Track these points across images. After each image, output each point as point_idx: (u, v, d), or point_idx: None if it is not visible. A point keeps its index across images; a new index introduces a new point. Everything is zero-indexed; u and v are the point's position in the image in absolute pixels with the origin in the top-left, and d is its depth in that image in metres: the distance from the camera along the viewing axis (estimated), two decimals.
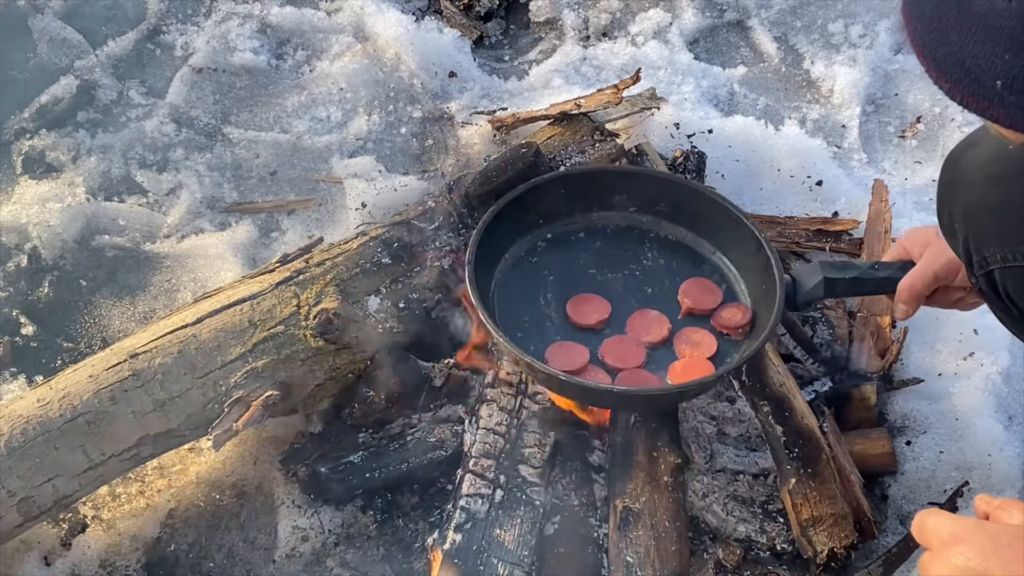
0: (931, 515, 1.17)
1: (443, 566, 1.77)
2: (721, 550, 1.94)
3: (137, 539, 2.00)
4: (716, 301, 2.04)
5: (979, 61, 1.08)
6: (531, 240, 2.12)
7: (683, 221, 2.13)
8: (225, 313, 1.97)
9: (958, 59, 1.10)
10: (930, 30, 1.12)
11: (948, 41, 1.10)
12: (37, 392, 1.91)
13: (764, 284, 1.97)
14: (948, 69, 1.11)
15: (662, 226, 2.15)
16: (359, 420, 2.05)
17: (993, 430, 2.09)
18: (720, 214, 2.07)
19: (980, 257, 1.54)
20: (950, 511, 1.45)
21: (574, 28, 2.91)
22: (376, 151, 2.60)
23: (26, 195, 2.51)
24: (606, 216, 2.16)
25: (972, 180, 1.53)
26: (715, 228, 2.09)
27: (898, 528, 2.01)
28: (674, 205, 2.12)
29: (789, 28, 2.94)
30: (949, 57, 1.11)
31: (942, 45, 1.11)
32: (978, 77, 1.09)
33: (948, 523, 1.15)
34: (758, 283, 2.01)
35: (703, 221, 2.10)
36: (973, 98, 1.12)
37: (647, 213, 2.15)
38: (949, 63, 1.11)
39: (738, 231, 2.04)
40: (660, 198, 2.13)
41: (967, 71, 1.09)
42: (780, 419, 1.97)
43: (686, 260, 2.12)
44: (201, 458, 2.11)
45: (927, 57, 1.14)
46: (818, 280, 1.85)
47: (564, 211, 2.13)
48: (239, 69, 2.76)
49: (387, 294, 2.08)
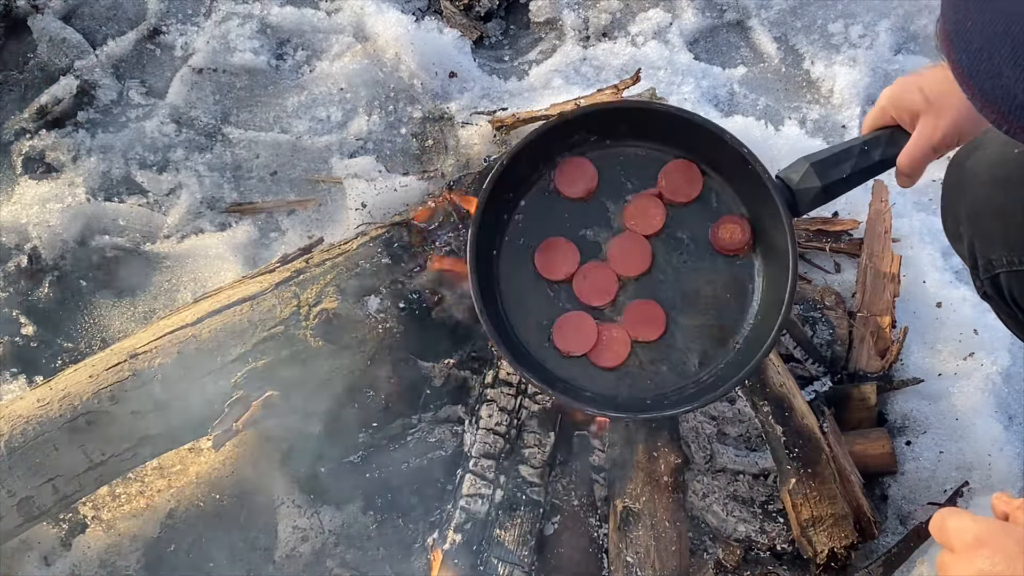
0: (952, 515, 1.16)
1: (443, 566, 1.77)
2: (721, 550, 1.94)
3: (137, 539, 2.00)
4: (694, 192, 1.92)
5: None
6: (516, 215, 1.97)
7: (673, 143, 1.97)
8: (225, 313, 1.97)
9: (1010, 93, 1.09)
10: (979, 62, 1.11)
11: (1000, 75, 1.09)
12: (37, 392, 1.91)
13: (761, 202, 1.84)
14: (998, 101, 1.11)
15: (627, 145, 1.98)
16: (359, 420, 2.05)
17: (993, 430, 2.09)
18: (704, 134, 1.91)
19: (986, 261, 1.53)
20: (963, 510, 1.44)
21: (574, 28, 2.91)
22: (376, 151, 2.60)
23: (26, 195, 2.51)
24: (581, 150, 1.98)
25: (978, 184, 1.52)
26: (703, 149, 1.94)
27: (898, 528, 2.01)
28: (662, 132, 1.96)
29: (789, 28, 2.94)
30: (999, 90, 1.10)
31: (992, 78, 1.10)
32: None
33: (972, 524, 1.13)
34: (751, 196, 1.88)
35: (690, 144, 1.95)
36: (1022, 128, 1.11)
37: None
38: (999, 95, 1.10)
39: (723, 148, 1.89)
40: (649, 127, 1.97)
41: (1020, 104, 1.09)
42: (780, 419, 1.97)
43: None
44: (201, 458, 2.11)
45: (973, 87, 1.13)
46: (817, 189, 1.75)
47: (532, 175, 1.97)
48: (239, 69, 2.76)
49: (387, 294, 2.08)
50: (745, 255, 1.90)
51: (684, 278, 1.90)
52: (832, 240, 2.40)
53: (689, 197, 1.94)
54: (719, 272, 1.90)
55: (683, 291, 1.89)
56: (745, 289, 1.89)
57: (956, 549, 1.14)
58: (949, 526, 1.15)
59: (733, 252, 1.90)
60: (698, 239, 1.92)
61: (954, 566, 1.13)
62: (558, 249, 1.92)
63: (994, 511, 1.19)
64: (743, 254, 1.90)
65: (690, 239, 1.92)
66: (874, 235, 2.37)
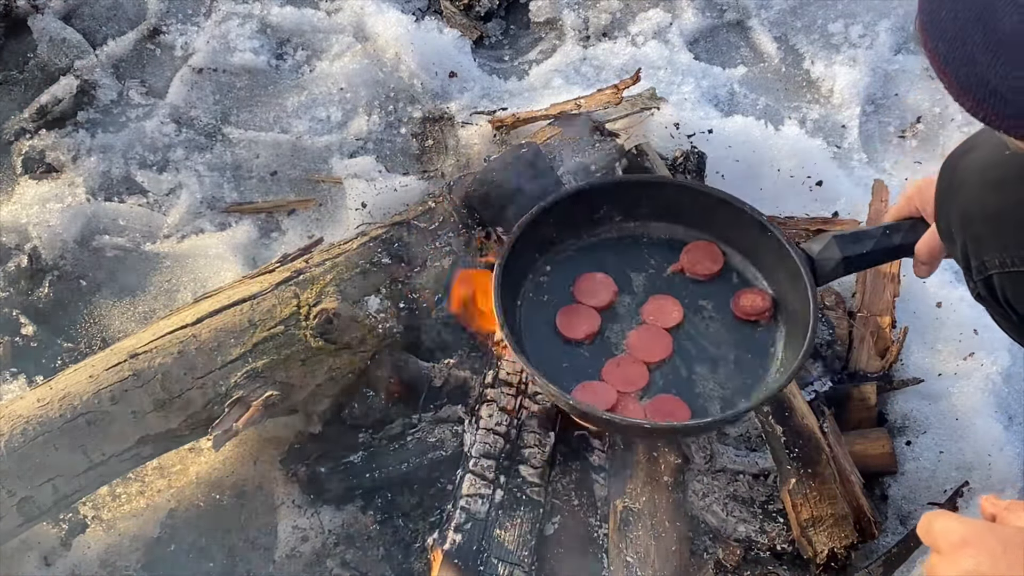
0: (939, 517, 1.16)
1: (443, 566, 1.77)
2: (721, 550, 1.94)
3: (137, 539, 2.00)
4: (715, 267, 2.04)
5: (1007, 82, 1.09)
6: (538, 268, 2.07)
7: (673, 219, 2.10)
8: (225, 313, 1.97)
9: (983, 79, 1.10)
10: (953, 49, 1.12)
11: (974, 62, 1.10)
12: (37, 392, 1.91)
13: (782, 268, 1.95)
14: (972, 88, 1.12)
15: (649, 227, 2.12)
16: (359, 420, 2.05)
17: (993, 430, 2.09)
18: (721, 208, 2.04)
19: (979, 262, 1.54)
20: (951, 511, 1.45)
21: (574, 28, 2.91)
22: (376, 151, 2.60)
23: (26, 195, 2.51)
24: (605, 230, 2.12)
25: (970, 185, 1.52)
26: (722, 226, 2.06)
27: (898, 528, 2.01)
28: (659, 205, 2.09)
29: (789, 28, 2.94)
30: (973, 77, 1.11)
31: (966, 65, 1.11)
32: (1004, 96, 1.10)
33: (957, 525, 1.14)
34: (770, 264, 2.00)
35: (710, 221, 2.07)
36: (998, 117, 1.13)
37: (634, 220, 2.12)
38: (973, 83, 1.11)
39: (736, 217, 2.03)
40: (651, 202, 2.10)
41: (992, 91, 1.10)
42: (780, 419, 1.97)
43: None
44: (201, 458, 2.11)
45: (949, 75, 1.14)
46: (838, 260, 1.84)
47: (556, 237, 2.08)
48: (239, 69, 2.76)
49: (387, 294, 2.08)
50: (767, 321, 1.99)
51: (709, 345, 1.99)
52: None
53: (711, 271, 2.05)
54: (742, 336, 1.99)
55: (708, 357, 1.97)
56: (767, 352, 1.96)
57: (942, 550, 1.14)
58: (935, 528, 1.16)
59: (755, 318, 1.99)
60: (721, 309, 2.02)
61: (940, 567, 1.14)
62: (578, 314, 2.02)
63: (983, 513, 1.20)
64: (765, 320, 1.99)
65: (713, 308, 2.02)
66: None
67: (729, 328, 2.00)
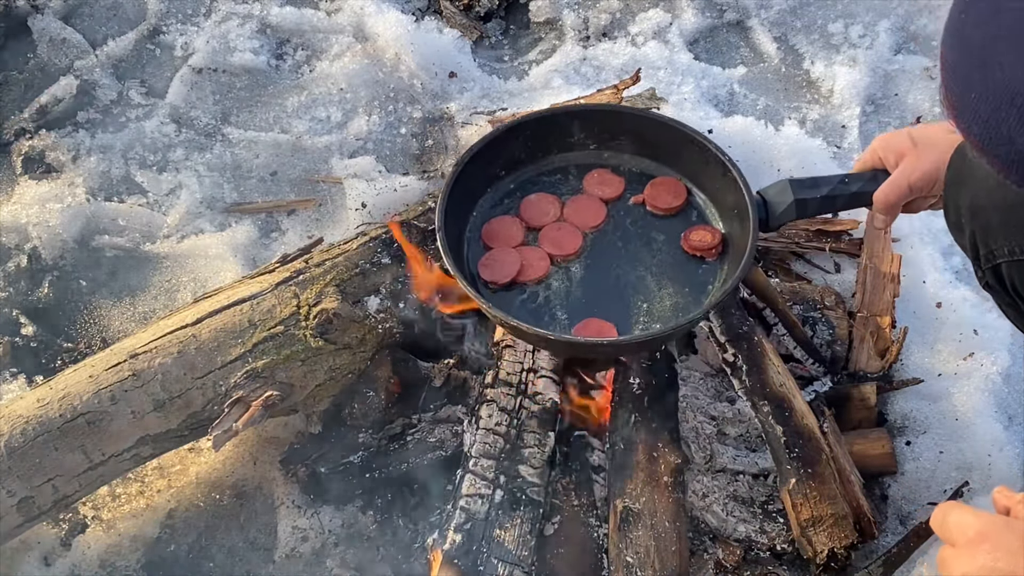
0: (954, 509, 1.15)
1: (443, 566, 1.77)
2: (721, 550, 1.94)
3: (137, 539, 2.00)
4: (675, 203, 2.06)
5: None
6: (495, 194, 2.11)
7: (647, 152, 2.13)
8: (225, 313, 1.97)
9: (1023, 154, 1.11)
10: (989, 131, 1.12)
11: (1013, 141, 1.10)
12: (37, 392, 1.91)
13: (735, 207, 1.96)
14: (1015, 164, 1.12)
15: (624, 159, 2.15)
16: (359, 420, 2.05)
17: (993, 430, 2.09)
18: (683, 141, 2.06)
19: (987, 251, 1.54)
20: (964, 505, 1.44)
21: (574, 28, 2.91)
22: (376, 151, 2.60)
23: (26, 195, 2.51)
24: (566, 157, 2.15)
25: (980, 174, 1.52)
26: (680, 156, 2.09)
27: (898, 528, 2.01)
28: (634, 137, 2.12)
29: (789, 28, 2.94)
30: (1014, 154, 1.11)
31: (1004, 144, 1.11)
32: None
33: (973, 519, 1.12)
34: (729, 206, 2.00)
35: (667, 150, 2.10)
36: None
37: (609, 149, 2.15)
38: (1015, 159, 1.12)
39: (701, 154, 2.03)
40: (617, 132, 2.13)
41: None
42: (780, 419, 1.97)
43: None
44: (201, 458, 2.11)
45: (989, 154, 1.14)
46: (789, 202, 1.84)
47: (524, 158, 2.12)
48: (239, 69, 2.76)
49: (387, 294, 2.08)
50: (713, 258, 2.00)
51: (649, 275, 2.00)
52: (832, 240, 2.40)
53: (671, 206, 2.06)
54: (686, 271, 2.00)
55: (646, 287, 1.99)
56: (704, 289, 1.98)
57: (957, 544, 1.13)
58: (951, 521, 1.14)
59: (702, 254, 1.99)
60: (671, 243, 2.03)
61: (955, 561, 1.12)
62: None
63: (995, 505, 1.18)
64: (711, 257, 1.99)
65: (664, 241, 2.04)
66: (874, 235, 2.37)
67: (676, 261, 2.01)
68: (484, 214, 2.08)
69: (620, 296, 1.97)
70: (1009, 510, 1.16)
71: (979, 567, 1.09)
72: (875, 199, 1.74)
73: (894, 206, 1.74)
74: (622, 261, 2.02)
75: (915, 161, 1.68)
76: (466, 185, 2.01)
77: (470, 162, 2.01)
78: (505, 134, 2.08)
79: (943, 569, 1.14)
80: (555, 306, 1.96)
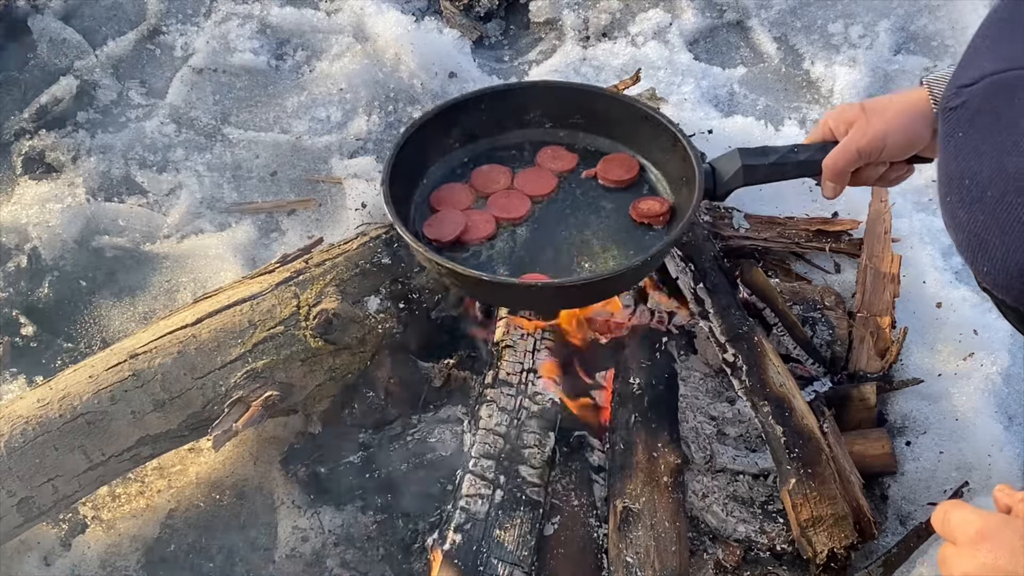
0: (956, 508, 1.15)
1: (443, 566, 1.77)
2: (721, 550, 1.94)
3: (137, 539, 2.00)
4: (627, 176, 2.07)
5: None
6: (447, 163, 2.12)
7: (599, 129, 2.14)
8: (225, 313, 1.97)
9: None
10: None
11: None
12: (37, 392, 1.91)
13: (683, 176, 1.97)
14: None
15: (579, 137, 2.16)
16: (359, 420, 2.05)
17: (993, 430, 2.09)
18: (633, 115, 2.08)
19: None
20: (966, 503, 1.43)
21: (574, 28, 2.92)
22: (376, 151, 2.60)
23: (26, 195, 2.51)
24: (521, 134, 2.16)
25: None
26: (630, 130, 2.10)
27: (898, 528, 2.01)
28: (588, 114, 2.13)
29: (789, 28, 2.94)
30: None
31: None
32: None
33: (975, 518, 1.12)
34: (678, 176, 2.01)
35: (618, 125, 2.11)
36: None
37: (564, 128, 2.16)
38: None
39: (653, 129, 2.05)
40: (573, 110, 2.14)
41: None
42: (780, 419, 1.97)
43: None
44: (201, 458, 2.11)
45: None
46: (737, 168, 1.84)
47: (479, 132, 2.13)
48: (239, 69, 2.76)
49: (387, 294, 2.08)
50: (661, 226, 2.00)
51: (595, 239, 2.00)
52: (832, 240, 2.40)
53: (622, 179, 2.08)
54: (632, 236, 2.00)
55: (592, 251, 1.98)
56: (647, 252, 1.95)
57: (959, 542, 1.13)
58: (952, 519, 1.14)
59: (649, 221, 2.00)
60: (620, 211, 2.04)
61: (956, 559, 1.12)
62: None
63: (996, 504, 1.18)
64: (659, 224, 2.00)
65: (613, 209, 2.05)
66: (874, 235, 2.37)
67: (622, 227, 2.02)
68: (435, 182, 2.09)
69: (564, 256, 1.97)
70: (1010, 508, 1.16)
71: (980, 565, 1.09)
72: (824, 165, 1.74)
73: (843, 172, 1.73)
74: (569, 226, 2.02)
75: (864, 126, 1.68)
76: (417, 148, 2.02)
77: (422, 127, 2.02)
78: (459, 105, 2.09)
79: (944, 567, 1.14)
80: (497, 263, 1.96)
